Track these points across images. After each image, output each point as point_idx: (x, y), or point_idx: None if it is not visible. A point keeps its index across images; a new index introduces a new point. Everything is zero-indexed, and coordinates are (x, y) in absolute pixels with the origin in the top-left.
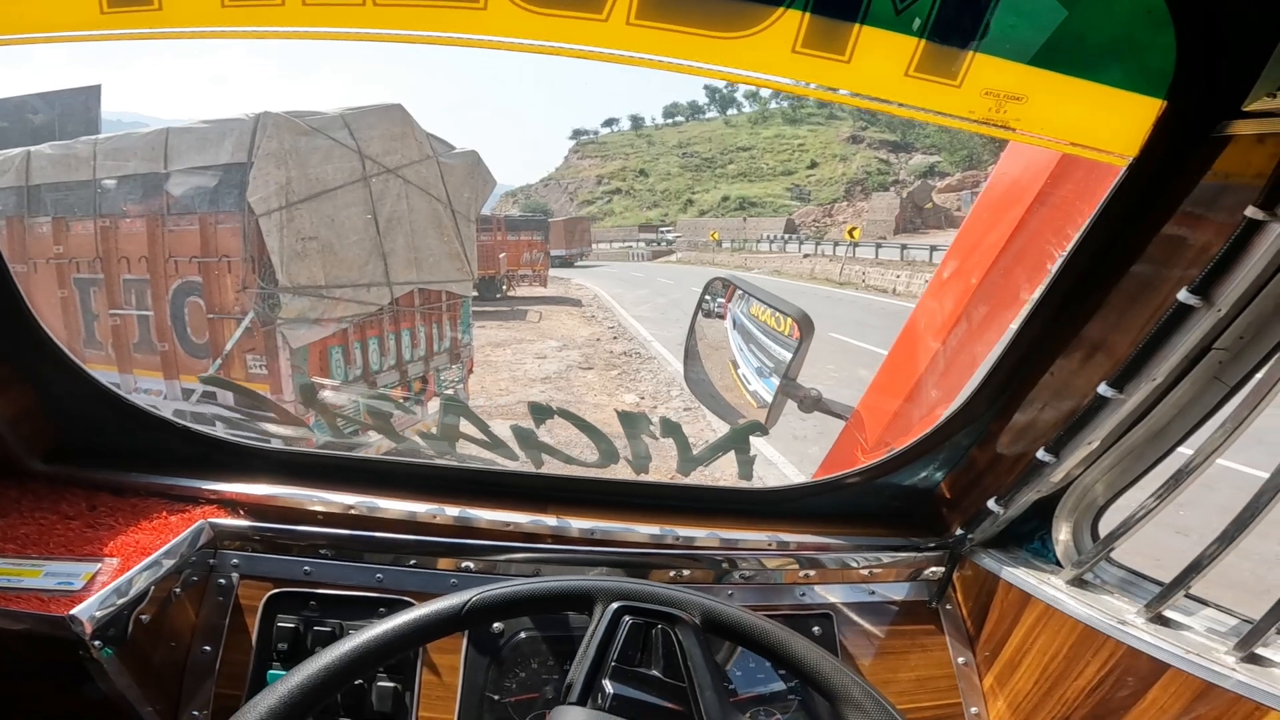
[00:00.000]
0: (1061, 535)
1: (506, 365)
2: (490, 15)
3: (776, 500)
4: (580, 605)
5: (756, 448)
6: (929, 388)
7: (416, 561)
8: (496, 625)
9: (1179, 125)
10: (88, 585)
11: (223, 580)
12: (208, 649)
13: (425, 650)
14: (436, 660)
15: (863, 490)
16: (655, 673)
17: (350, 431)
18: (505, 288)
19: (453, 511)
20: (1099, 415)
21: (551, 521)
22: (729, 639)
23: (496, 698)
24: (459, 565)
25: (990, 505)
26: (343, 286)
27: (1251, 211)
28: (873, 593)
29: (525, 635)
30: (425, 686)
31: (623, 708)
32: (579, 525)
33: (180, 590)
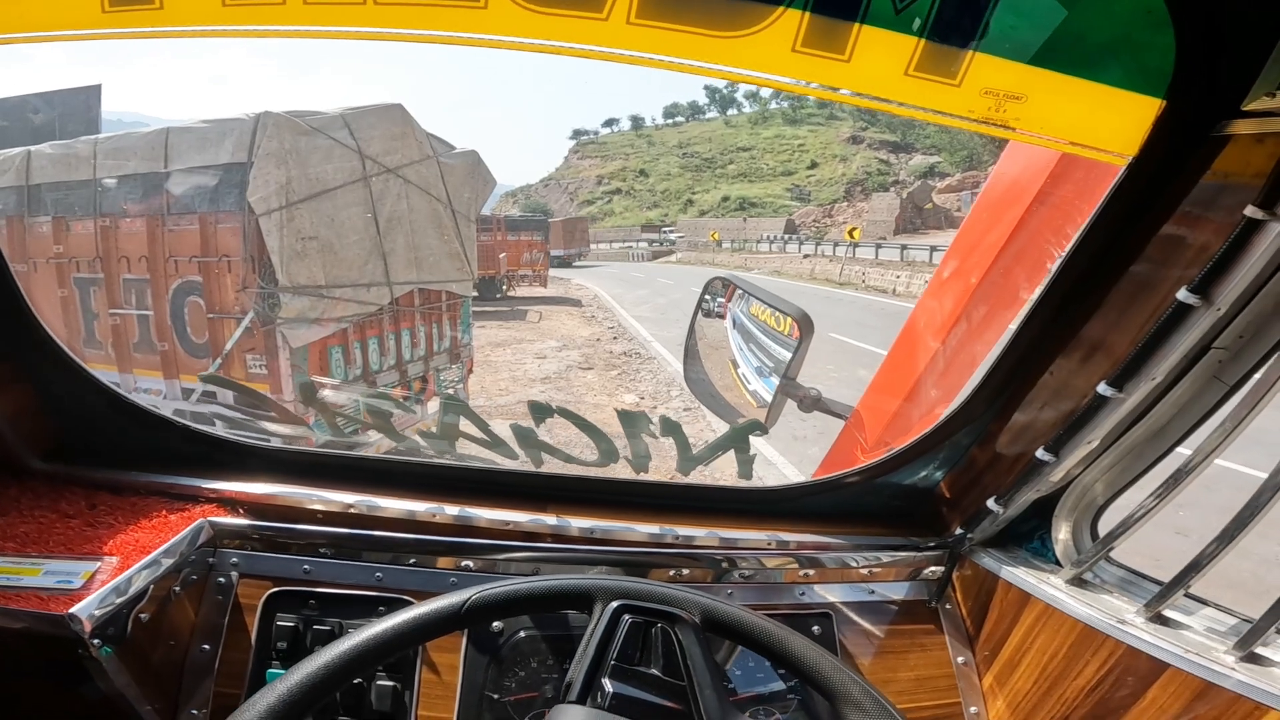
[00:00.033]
0: (1061, 535)
1: (506, 365)
2: (491, 14)
3: (776, 499)
4: (580, 604)
5: (756, 448)
6: (929, 387)
7: (416, 560)
8: (496, 624)
9: (1178, 125)
10: (87, 584)
11: (222, 579)
12: (207, 648)
13: (424, 649)
14: (436, 659)
15: (862, 490)
16: (655, 672)
17: (350, 431)
18: (505, 288)
19: (452, 510)
20: (1098, 414)
21: (551, 520)
22: (728, 638)
23: (496, 696)
24: (458, 564)
25: (990, 505)
26: (343, 286)
27: (1251, 211)
28: (872, 592)
29: (525, 634)
30: (424, 685)
31: (622, 706)
32: (578, 524)
33: (179, 589)
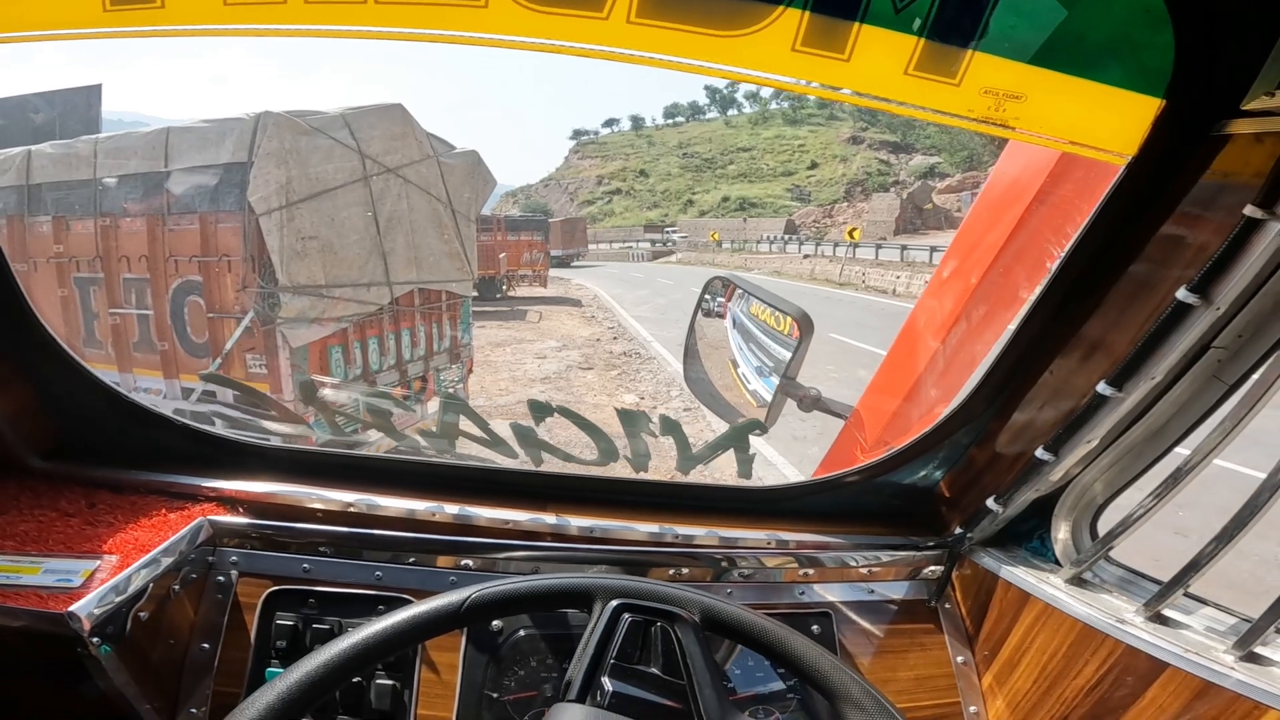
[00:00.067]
0: (1060, 534)
1: (506, 365)
2: (491, 14)
3: (776, 499)
4: (579, 603)
5: (756, 447)
6: (928, 387)
7: (415, 559)
8: (495, 623)
9: (1178, 124)
10: (86, 582)
11: (221, 578)
12: (206, 646)
13: (424, 648)
14: (435, 658)
15: (862, 489)
16: (654, 670)
17: (350, 430)
18: (505, 288)
19: (452, 509)
20: (1098, 414)
21: (551, 519)
22: (728, 637)
23: (495, 695)
24: (458, 563)
25: (989, 504)
26: (343, 286)
27: (1250, 210)
28: (872, 591)
29: (524, 633)
30: (424, 684)
31: (622, 705)
32: (578, 523)
33: (179, 587)
